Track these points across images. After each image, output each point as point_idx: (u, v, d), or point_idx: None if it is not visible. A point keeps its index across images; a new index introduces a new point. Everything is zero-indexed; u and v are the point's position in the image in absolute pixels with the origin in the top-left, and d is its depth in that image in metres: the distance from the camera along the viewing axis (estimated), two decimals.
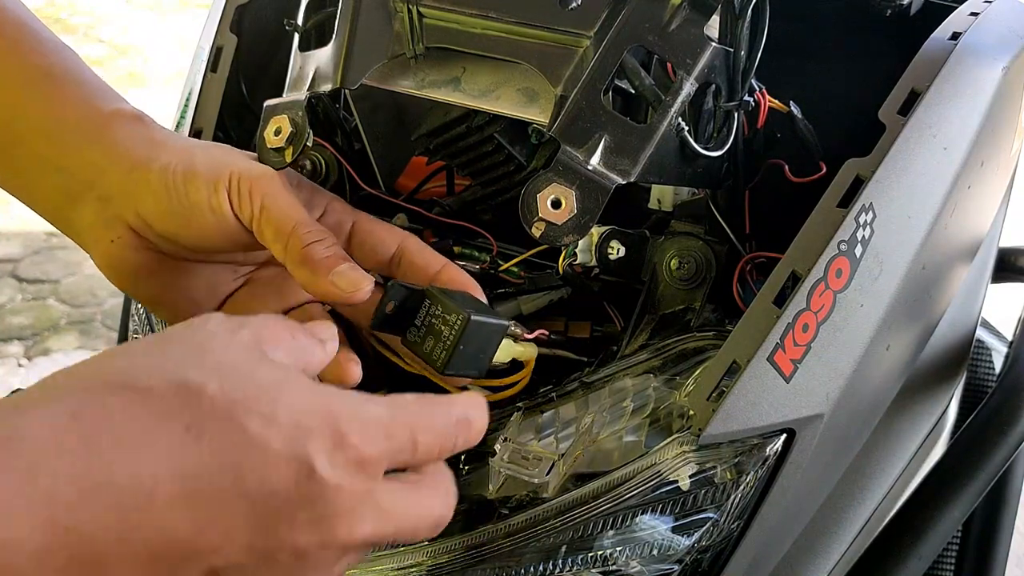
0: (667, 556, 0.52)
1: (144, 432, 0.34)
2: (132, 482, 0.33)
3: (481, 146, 0.60)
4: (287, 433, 0.36)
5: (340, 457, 0.37)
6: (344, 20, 0.56)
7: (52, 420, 0.33)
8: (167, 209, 0.53)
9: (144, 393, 0.34)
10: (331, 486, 0.36)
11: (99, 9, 4.00)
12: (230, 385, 0.36)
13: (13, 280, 2.41)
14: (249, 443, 0.35)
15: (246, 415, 0.35)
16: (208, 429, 0.35)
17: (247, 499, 0.35)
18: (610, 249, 0.61)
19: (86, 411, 0.33)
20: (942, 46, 0.58)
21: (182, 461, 0.34)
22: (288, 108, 0.57)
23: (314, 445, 0.36)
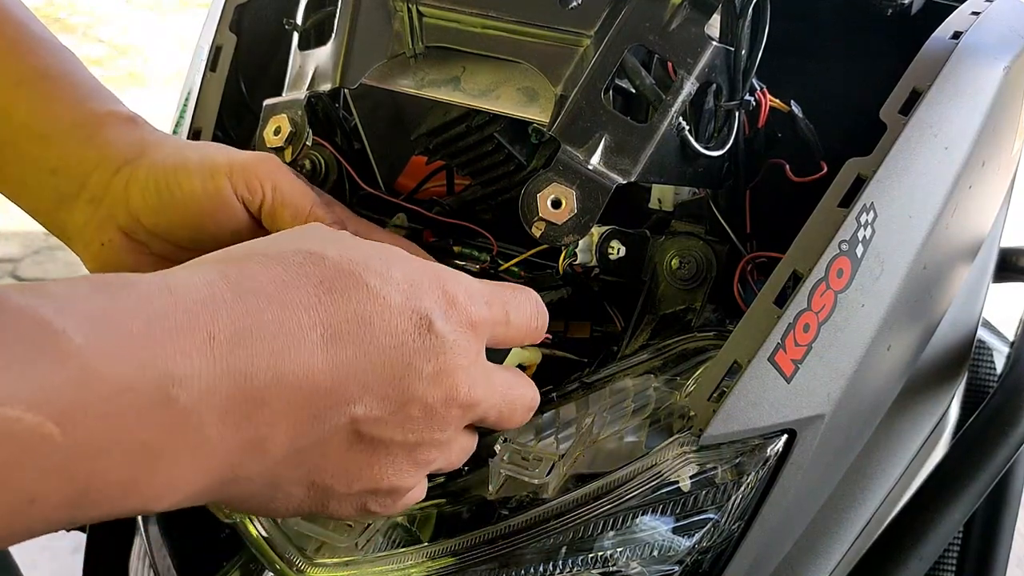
0: (668, 557, 0.52)
1: (285, 286, 0.37)
2: (281, 328, 0.35)
3: (481, 146, 0.60)
4: (403, 289, 0.39)
5: (453, 315, 0.40)
6: (344, 19, 0.56)
7: (203, 276, 0.35)
8: (157, 204, 0.53)
9: (276, 258, 0.38)
10: (449, 340, 0.40)
11: (98, 9, 4.00)
12: (346, 251, 0.39)
13: (13, 280, 2.41)
14: (373, 297, 0.38)
15: (366, 272, 0.38)
16: (337, 284, 0.38)
17: (377, 348, 0.38)
18: (610, 249, 0.61)
19: (231, 271, 0.36)
20: (943, 45, 0.58)
21: (320, 310, 0.37)
22: (287, 107, 0.57)
23: (428, 301, 0.40)
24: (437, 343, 0.39)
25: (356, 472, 0.40)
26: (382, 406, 0.38)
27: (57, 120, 0.55)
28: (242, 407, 0.34)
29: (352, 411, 0.38)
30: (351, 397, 0.37)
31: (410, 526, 0.56)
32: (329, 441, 0.38)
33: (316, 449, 0.38)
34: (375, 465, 0.40)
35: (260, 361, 0.34)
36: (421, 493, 0.45)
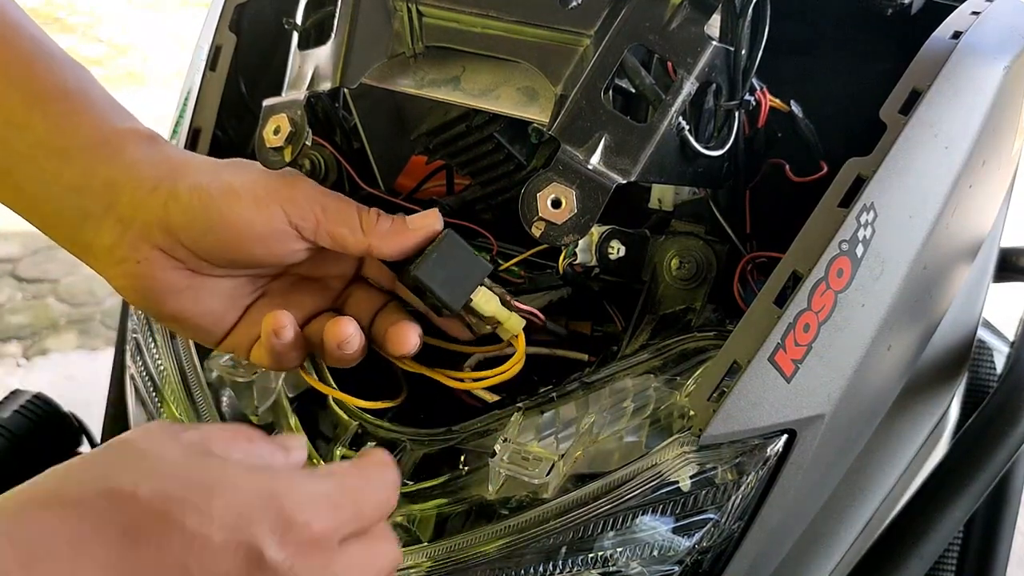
0: (668, 557, 0.52)
1: (80, 544, 0.33)
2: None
3: (481, 145, 0.60)
4: (228, 523, 0.35)
5: (290, 538, 0.37)
6: (343, 19, 0.56)
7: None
8: (205, 226, 0.53)
9: (74, 505, 0.34)
10: (283, 568, 0.36)
11: (98, 8, 4.00)
12: (162, 485, 0.35)
13: (12, 279, 2.41)
14: (189, 540, 0.35)
15: (182, 511, 0.35)
16: (145, 532, 0.34)
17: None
18: (610, 249, 0.61)
19: (21, 534, 0.33)
20: (943, 45, 0.57)
21: (124, 566, 0.34)
22: (287, 107, 0.57)
23: (259, 530, 0.36)
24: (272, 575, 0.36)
25: None
26: None
27: (78, 137, 0.55)
28: None
29: None
30: None
31: (410, 526, 0.56)
32: None
33: None
34: None
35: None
36: None
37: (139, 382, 0.65)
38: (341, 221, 0.54)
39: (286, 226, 0.54)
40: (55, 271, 2.44)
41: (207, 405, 0.62)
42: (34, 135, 0.55)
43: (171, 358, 0.64)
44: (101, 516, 0.34)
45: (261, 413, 0.62)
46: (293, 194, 0.54)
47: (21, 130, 0.55)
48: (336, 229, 0.54)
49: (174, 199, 0.54)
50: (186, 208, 0.53)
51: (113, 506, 0.35)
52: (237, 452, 0.40)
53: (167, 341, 0.64)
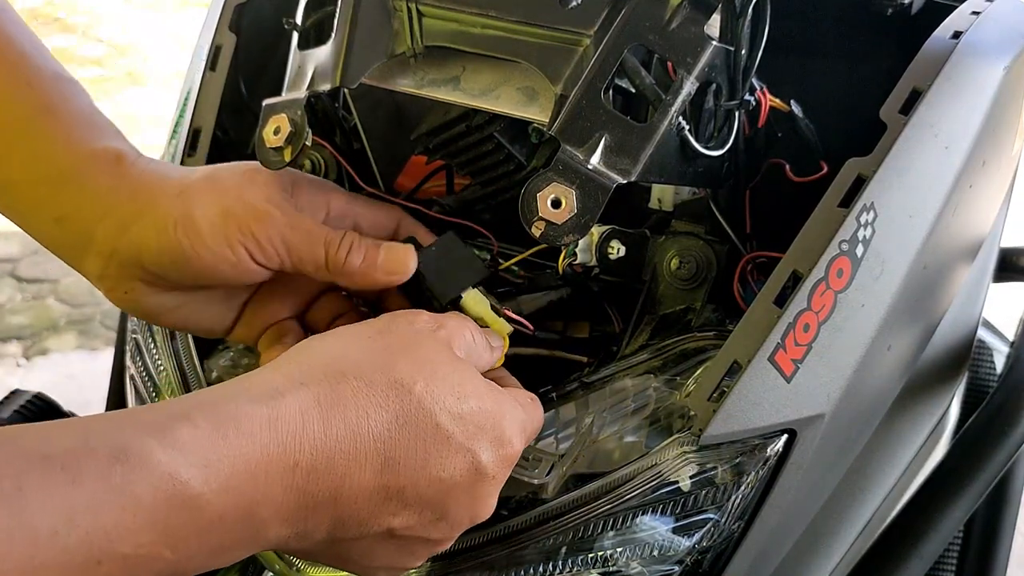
0: (668, 557, 0.52)
1: (365, 417, 0.43)
2: (350, 457, 0.42)
3: (481, 145, 0.60)
4: (468, 431, 0.45)
5: (501, 454, 0.47)
6: (343, 19, 0.56)
7: (303, 405, 0.42)
8: (174, 266, 0.54)
9: (370, 385, 0.43)
10: (489, 476, 0.46)
11: (98, 8, 4.00)
12: (431, 384, 0.45)
13: (12, 280, 2.41)
14: (438, 436, 0.44)
15: (440, 412, 0.44)
16: (411, 420, 0.44)
17: (427, 480, 0.44)
18: (610, 249, 0.61)
19: (325, 398, 0.42)
20: (943, 45, 0.57)
21: (386, 442, 0.43)
22: (287, 107, 0.56)
23: (484, 442, 0.46)
24: (480, 479, 0.46)
25: (379, 558, 0.47)
26: (418, 520, 0.45)
27: (55, 163, 0.55)
28: (299, 514, 0.42)
29: (390, 522, 0.44)
30: (392, 512, 0.44)
31: None
32: (363, 539, 0.45)
33: (351, 543, 0.45)
34: (396, 556, 0.47)
35: (324, 483, 0.42)
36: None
37: (139, 382, 0.65)
38: (305, 260, 0.55)
39: (249, 262, 0.54)
40: (55, 271, 2.44)
41: None
42: (18, 159, 0.55)
43: (171, 358, 0.64)
44: (385, 400, 0.43)
45: None
46: (255, 230, 0.54)
47: (7, 154, 0.55)
48: (300, 266, 0.55)
49: (145, 243, 0.54)
50: (156, 254, 0.54)
51: (394, 393, 0.44)
52: (463, 349, 0.49)
53: (167, 341, 0.64)
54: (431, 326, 0.48)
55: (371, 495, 0.43)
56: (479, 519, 0.48)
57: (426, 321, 0.49)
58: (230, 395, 0.41)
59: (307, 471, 0.41)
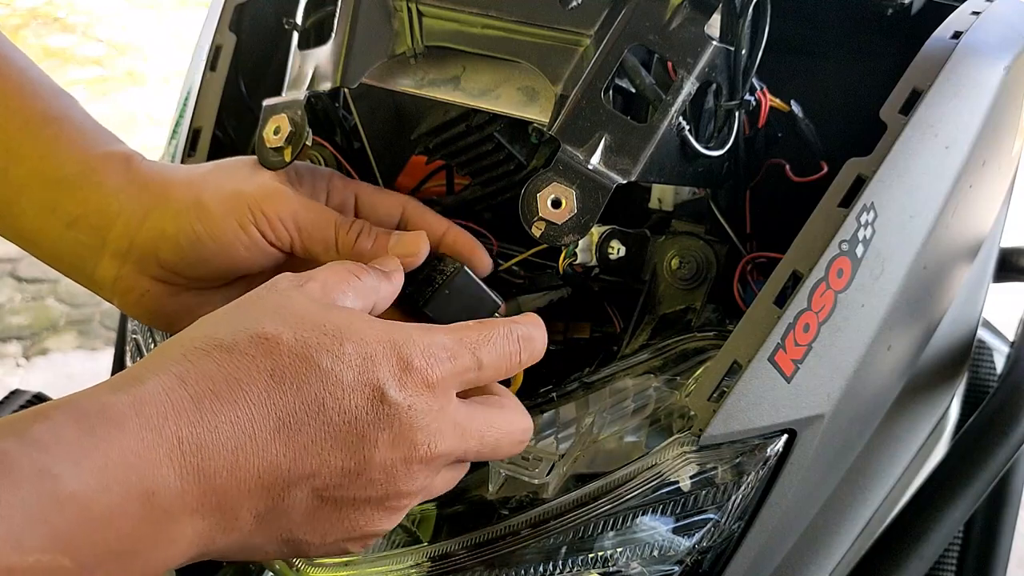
0: (668, 557, 0.52)
1: (237, 383, 0.40)
2: (236, 426, 0.39)
3: (481, 145, 0.60)
4: (356, 365, 0.41)
5: (408, 380, 0.42)
6: (343, 19, 0.56)
7: (166, 385, 0.39)
8: (193, 258, 0.54)
9: (230, 350, 0.40)
10: (403, 406, 0.42)
11: (98, 8, 4.00)
12: (302, 332, 0.41)
13: (12, 280, 2.41)
14: (324, 378, 0.41)
15: (318, 354, 0.41)
16: (288, 372, 0.40)
17: (331, 426, 0.40)
18: (610, 249, 0.61)
19: (189, 375, 0.39)
20: (943, 45, 0.57)
21: (272, 402, 0.40)
22: (287, 107, 0.57)
23: (381, 372, 0.42)
24: (391, 411, 0.42)
25: (327, 527, 0.43)
26: (341, 474, 0.41)
27: (66, 166, 0.55)
28: (209, 500, 0.38)
29: (312, 483, 0.41)
30: (309, 471, 0.41)
31: (410, 526, 0.56)
32: (293, 508, 0.41)
33: (281, 517, 0.41)
34: (345, 519, 0.43)
35: (220, 459, 0.38)
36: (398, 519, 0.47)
37: None
38: (316, 240, 0.54)
39: (264, 244, 0.54)
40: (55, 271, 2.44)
41: None
42: (29, 164, 0.55)
43: None
44: (253, 359, 0.40)
45: None
46: (265, 209, 0.54)
47: (18, 159, 0.55)
48: (311, 247, 0.55)
49: (163, 237, 0.54)
50: (174, 244, 0.54)
51: (261, 350, 0.40)
52: (350, 294, 0.46)
53: None
54: (295, 282, 0.45)
55: (276, 459, 0.40)
56: (415, 460, 0.43)
57: (289, 279, 0.45)
58: (89, 392, 0.39)
59: (192, 448, 0.38)
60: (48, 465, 0.34)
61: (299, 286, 0.45)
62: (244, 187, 0.54)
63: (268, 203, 0.54)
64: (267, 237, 0.54)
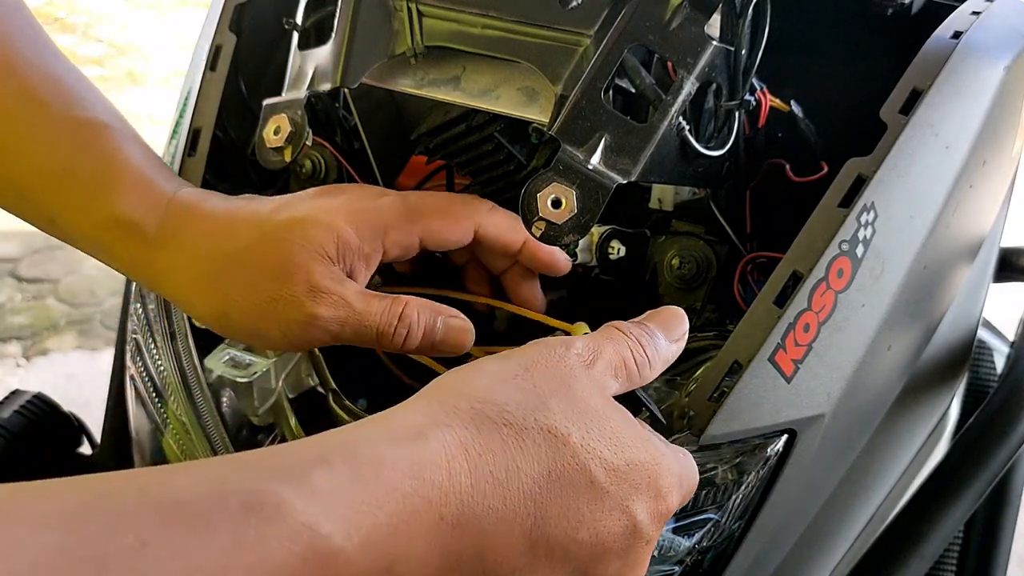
0: (668, 557, 0.52)
1: (516, 469, 0.38)
2: (499, 516, 0.37)
3: (481, 145, 0.60)
4: (623, 489, 0.40)
5: (655, 511, 0.42)
6: (343, 19, 0.56)
7: (447, 451, 0.37)
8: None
9: (521, 432, 0.39)
10: (645, 537, 0.41)
11: (97, 8, 4.00)
12: (588, 436, 0.40)
13: (12, 280, 2.41)
14: (594, 494, 0.39)
15: (596, 467, 0.40)
16: (565, 477, 0.39)
17: (579, 544, 0.39)
18: (610, 249, 0.61)
19: (474, 444, 0.38)
20: (944, 45, 0.57)
21: (539, 502, 0.38)
22: (287, 107, 0.57)
23: (640, 499, 0.41)
24: (636, 541, 0.41)
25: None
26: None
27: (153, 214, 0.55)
28: (440, 575, 0.37)
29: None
30: (537, 572, 0.39)
31: None
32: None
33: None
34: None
35: (470, 540, 0.37)
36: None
37: (139, 382, 0.65)
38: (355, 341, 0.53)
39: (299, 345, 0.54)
40: (55, 271, 2.44)
41: (207, 406, 0.62)
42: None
43: (171, 359, 0.64)
44: (538, 451, 0.39)
45: (261, 414, 0.62)
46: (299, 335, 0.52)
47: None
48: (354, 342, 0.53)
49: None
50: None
51: (548, 445, 0.39)
52: (619, 381, 0.44)
53: (167, 341, 0.64)
54: (584, 358, 0.43)
55: (519, 555, 0.38)
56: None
57: (578, 354, 0.43)
58: (366, 435, 0.37)
59: (452, 526, 0.36)
60: (319, 521, 0.33)
61: (587, 365, 0.43)
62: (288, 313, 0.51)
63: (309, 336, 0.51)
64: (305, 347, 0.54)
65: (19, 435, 0.77)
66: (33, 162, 0.54)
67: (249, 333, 0.53)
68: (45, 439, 0.79)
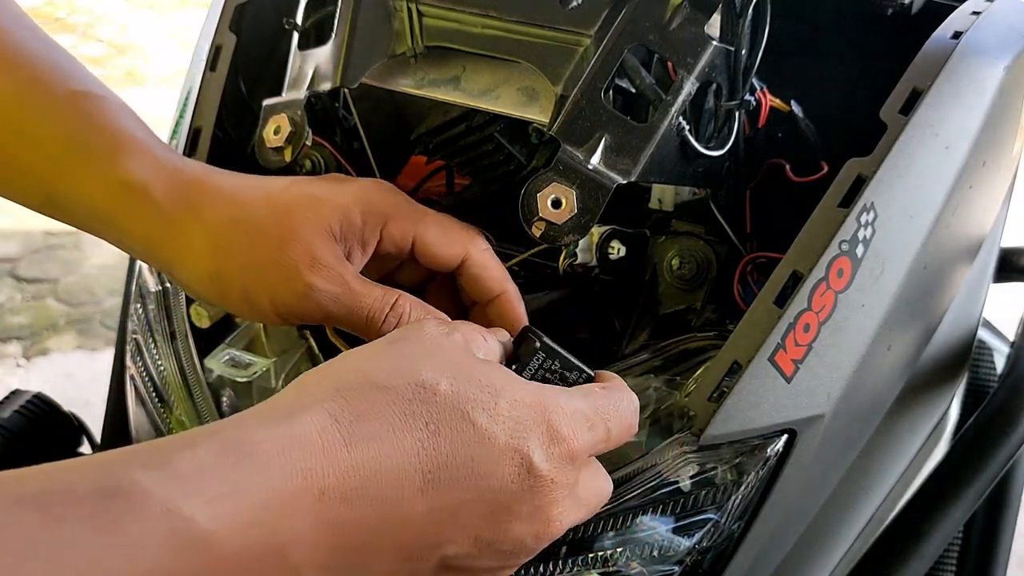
0: (668, 557, 0.52)
1: (392, 429, 0.37)
2: (385, 478, 0.36)
3: (481, 145, 0.60)
4: (509, 427, 0.39)
5: (555, 451, 0.40)
6: (343, 19, 0.56)
7: (319, 424, 0.36)
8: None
9: (390, 391, 0.38)
10: (547, 479, 0.39)
11: (98, 8, 4.00)
12: (458, 383, 0.39)
13: (12, 279, 2.41)
14: (478, 438, 0.38)
15: (474, 410, 0.39)
16: (443, 425, 0.38)
17: (477, 491, 0.38)
18: (611, 249, 0.61)
19: (343, 413, 0.37)
20: (944, 45, 0.57)
21: (424, 456, 0.37)
22: (287, 107, 0.57)
23: (532, 439, 0.39)
24: (536, 483, 0.39)
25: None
26: (475, 545, 0.39)
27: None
28: (341, 554, 0.36)
29: (444, 551, 0.38)
30: (446, 539, 0.38)
31: None
32: (418, 572, 0.39)
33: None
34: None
35: (363, 513, 0.36)
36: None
37: (139, 382, 0.65)
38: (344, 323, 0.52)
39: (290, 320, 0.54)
40: (55, 271, 2.44)
41: (207, 405, 0.62)
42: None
43: (171, 358, 0.64)
44: (410, 407, 0.38)
45: None
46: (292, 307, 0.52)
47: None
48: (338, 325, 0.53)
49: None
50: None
51: (419, 397, 0.38)
52: (481, 351, 0.44)
53: (167, 341, 0.64)
54: (443, 329, 0.44)
55: (419, 521, 0.37)
56: (546, 536, 0.41)
57: (436, 325, 0.44)
58: (236, 421, 0.37)
59: (337, 500, 0.35)
60: (178, 503, 0.32)
61: (446, 334, 0.43)
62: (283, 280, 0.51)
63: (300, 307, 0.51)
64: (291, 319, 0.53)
65: (19, 435, 0.77)
66: (33, 137, 0.54)
67: (239, 297, 0.52)
68: (45, 439, 0.79)
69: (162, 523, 0.31)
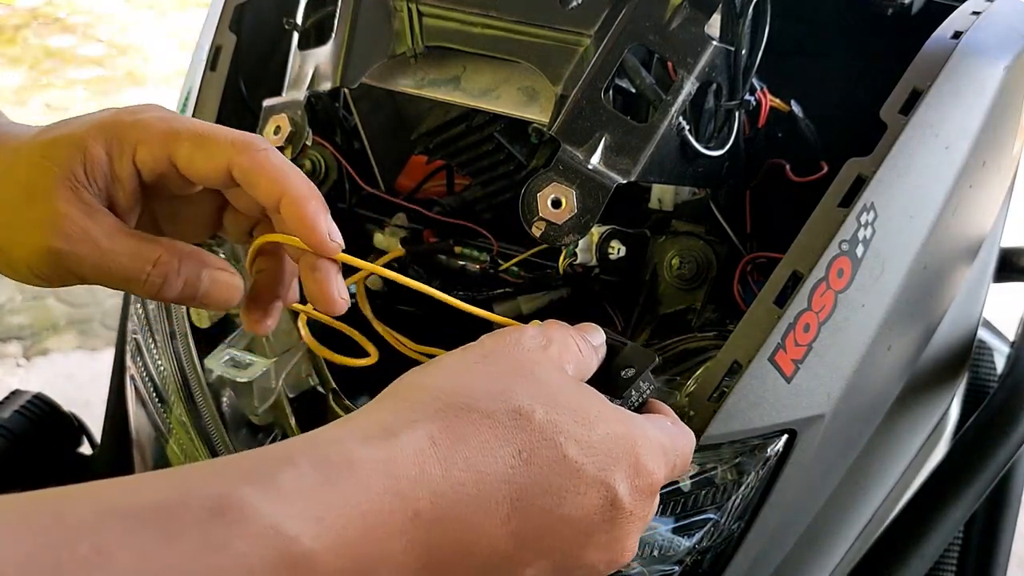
0: (668, 557, 0.52)
1: (487, 454, 0.37)
2: (475, 502, 0.37)
3: (481, 145, 0.60)
4: (598, 461, 0.39)
5: (638, 484, 0.41)
6: (343, 19, 0.56)
7: (416, 446, 0.36)
8: None
9: (487, 417, 0.38)
10: (628, 512, 0.40)
11: (98, 8, 4.00)
12: (554, 412, 0.39)
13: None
14: (568, 469, 0.39)
15: (566, 441, 0.39)
16: (536, 453, 0.38)
17: (561, 520, 0.38)
18: (611, 249, 0.61)
19: (442, 437, 0.37)
20: (944, 45, 0.57)
21: (514, 483, 0.37)
22: (287, 107, 0.57)
23: (619, 472, 0.40)
24: (618, 515, 0.40)
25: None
26: (551, 570, 0.39)
27: None
28: (425, 575, 0.36)
29: (521, 573, 0.39)
30: (525, 562, 0.38)
31: None
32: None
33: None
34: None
35: (450, 535, 0.36)
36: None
37: (139, 382, 0.65)
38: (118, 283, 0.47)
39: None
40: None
41: (207, 405, 0.62)
42: None
43: (171, 358, 0.64)
44: (506, 432, 0.38)
45: (261, 413, 0.62)
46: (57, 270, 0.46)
47: None
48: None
49: None
50: None
51: (515, 424, 0.38)
52: (572, 364, 0.44)
53: (167, 341, 0.64)
54: (539, 342, 0.43)
55: (503, 544, 0.37)
56: (617, 564, 0.41)
57: (532, 337, 0.43)
58: (335, 437, 0.36)
59: (429, 522, 0.35)
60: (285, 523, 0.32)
61: (543, 348, 0.43)
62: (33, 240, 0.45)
63: (51, 271, 0.46)
64: (53, 282, 0.47)
65: (19, 435, 0.77)
66: None
67: (3, 262, 0.47)
68: (45, 439, 0.79)
69: (269, 542, 0.31)
